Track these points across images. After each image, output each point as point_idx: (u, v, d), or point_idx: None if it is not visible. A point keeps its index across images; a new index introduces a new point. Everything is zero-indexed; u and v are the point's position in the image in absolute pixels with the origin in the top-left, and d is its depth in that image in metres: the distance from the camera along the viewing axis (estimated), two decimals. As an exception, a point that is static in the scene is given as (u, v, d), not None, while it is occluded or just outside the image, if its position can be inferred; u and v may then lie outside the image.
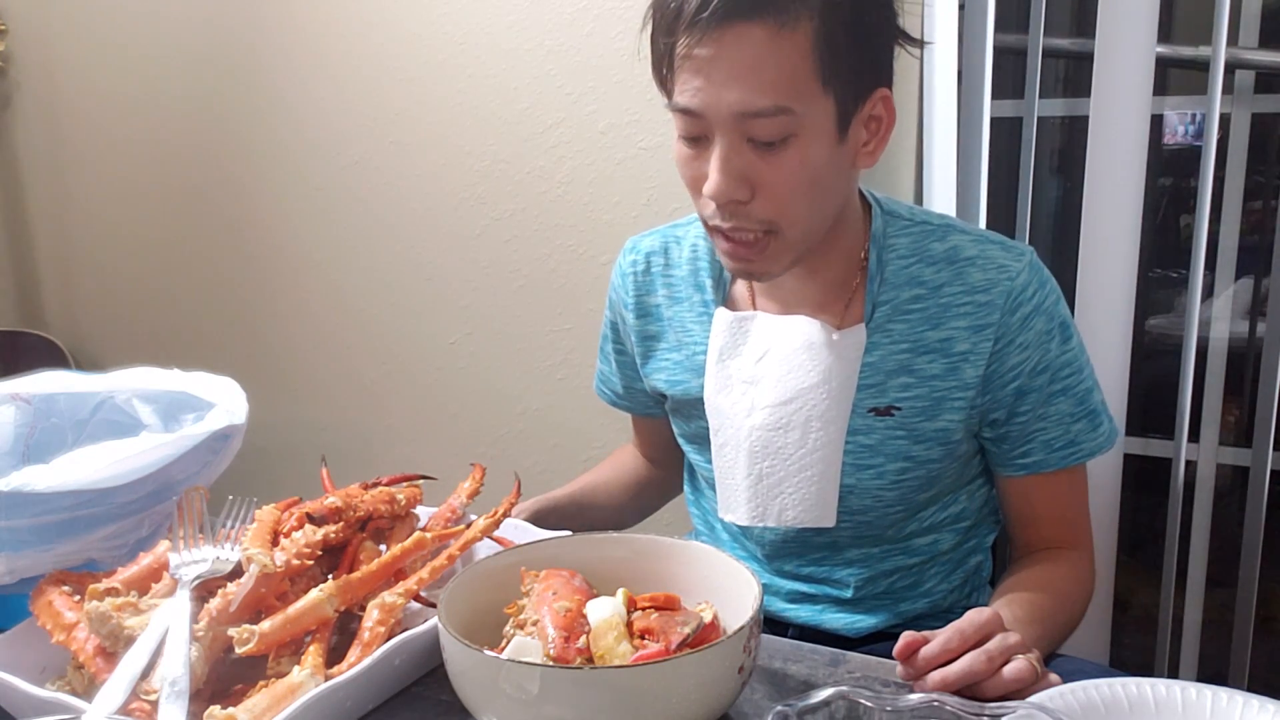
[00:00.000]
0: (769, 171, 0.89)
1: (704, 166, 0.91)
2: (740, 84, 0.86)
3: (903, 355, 0.99)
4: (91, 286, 2.32)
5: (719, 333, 1.05)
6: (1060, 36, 1.62)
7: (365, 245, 2.02)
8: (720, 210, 0.92)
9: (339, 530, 0.86)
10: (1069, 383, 1.00)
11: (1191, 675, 1.66)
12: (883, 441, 1.00)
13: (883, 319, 0.99)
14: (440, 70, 1.86)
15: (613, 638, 0.72)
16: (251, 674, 0.75)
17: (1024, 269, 0.98)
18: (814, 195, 0.92)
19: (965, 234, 1.01)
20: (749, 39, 0.85)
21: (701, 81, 0.87)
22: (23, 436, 0.98)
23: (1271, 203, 1.68)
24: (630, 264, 1.14)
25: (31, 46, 2.23)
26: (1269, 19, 1.56)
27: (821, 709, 0.62)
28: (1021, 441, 1.01)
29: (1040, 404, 0.99)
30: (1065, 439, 1.00)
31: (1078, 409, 1.00)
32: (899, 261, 1.00)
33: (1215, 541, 1.64)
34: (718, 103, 0.87)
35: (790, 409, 1.00)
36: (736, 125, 0.88)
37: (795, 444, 1.00)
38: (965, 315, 0.98)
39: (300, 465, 1.91)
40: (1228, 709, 0.71)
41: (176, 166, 2.16)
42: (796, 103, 0.86)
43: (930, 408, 0.99)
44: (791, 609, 1.10)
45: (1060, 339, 0.99)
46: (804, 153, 0.89)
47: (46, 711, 0.68)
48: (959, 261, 0.99)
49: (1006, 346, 0.97)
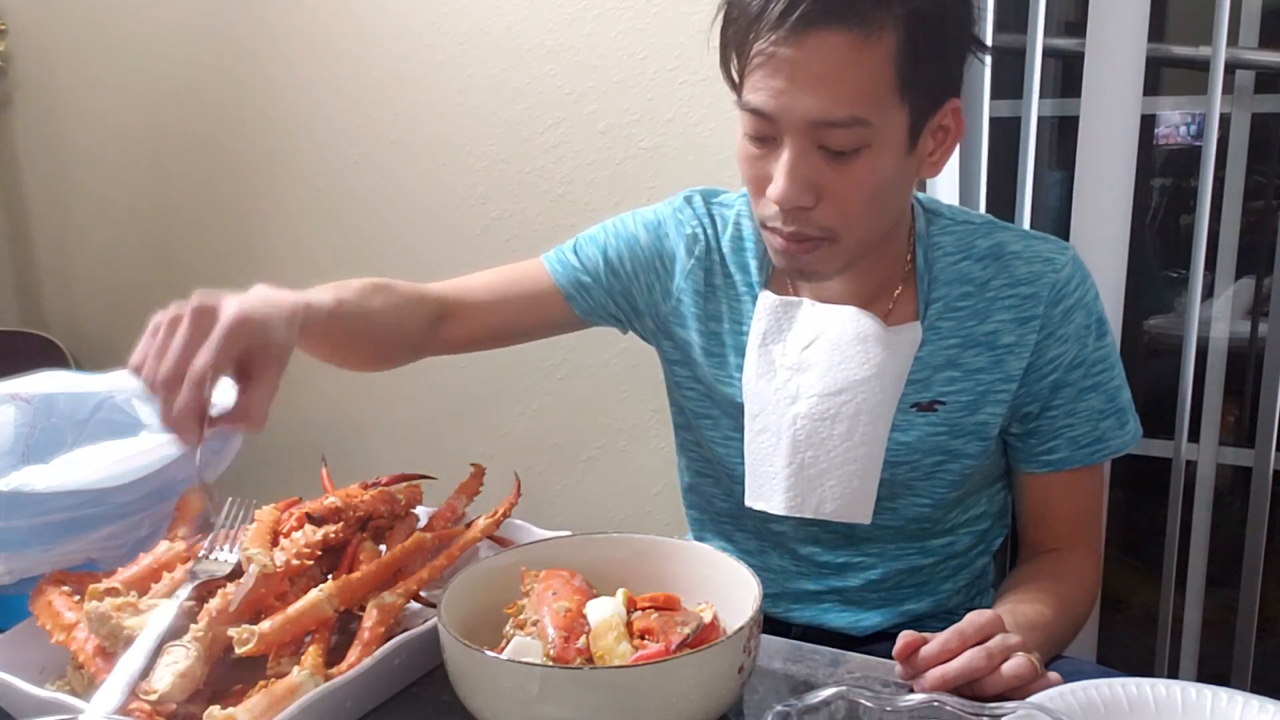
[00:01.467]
0: (837, 180, 0.88)
1: (769, 168, 0.89)
2: (818, 92, 0.84)
3: (950, 351, 0.99)
4: (91, 286, 2.32)
5: (763, 316, 1.03)
6: (1060, 36, 1.61)
7: (366, 245, 2.02)
8: (783, 214, 0.90)
9: (339, 530, 0.85)
10: (1101, 379, 1.00)
11: (1191, 675, 1.66)
12: (921, 438, 1.00)
13: (934, 316, 1.00)
14: (440, 70, 1.86)
15: (613, 638, 0.72)
16: (251, 674, 0.75)
17: (1068, 263, 0.99)
18: (878, 205, 0.91)
19: (1008, 230, 1.02)
20: (831, 46, 0.83)
21: (779, 84, 0.85)
22: (23, 436, 0.98)
23: (1272, 203, 1.68)
24: (691, 217, 1.09)
25: (31, 46, 2.23)
26: (1269, 19, 1.55)
27: (821, 709, 0.62)
28: (1050, 437, 1.01)
29: (1072, 399, 0.99)
30: (1092, 435, 1.00)
31: (1107, 406, 1.00)
32: (946, 259, 1.01)
33: (1215, 541, 1.64)
34: (793, 108, 0.85)
35: (840, 400, 0.99)
36: (809, 132, 0.86)
37: (842, 436, 0.99)
38: (1011, 308, 0.98)
39: (300, 465, 1.91)
40: (1228, 709, 0.71)
41: (177, 166, 2.16)
42: (873, 114, 0.85)
43: (974, 401, 0.99)
44: (795, 610, 1.10)
45: (1097, 334, 1.00)
46: (874, 164, 0.87)
47: (46, 711, 0.68)
48: (1004, 256, 0.99)
49: (1048, 339, 0.98)
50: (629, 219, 1.13)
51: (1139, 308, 1.74)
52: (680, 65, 1.71)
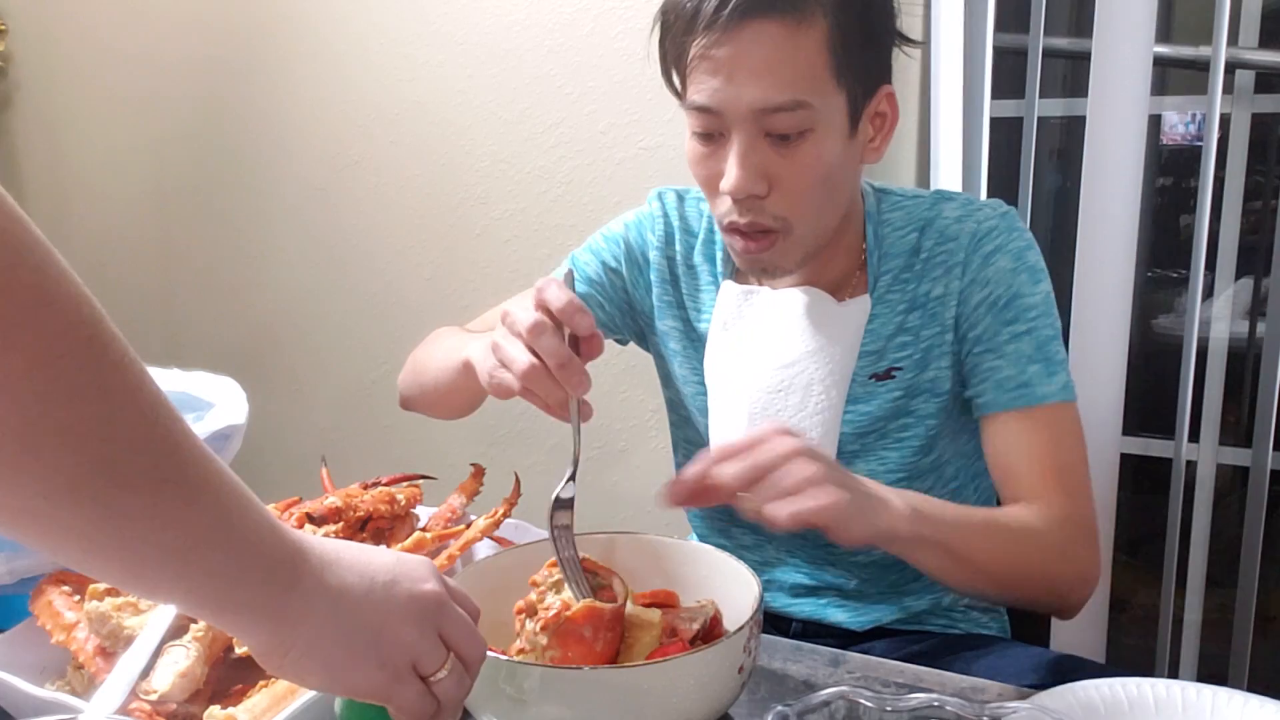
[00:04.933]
0: (786, 166, 0.91)
1: (719, 164, 0.92)
2: (759, 80, 0.88)
3: (898, 318, 1.02)
4: (91, 287, 2.30)
5: (724, 304, 1.07)
6: (1060, 36, 1.62)
7: (365, 245, 2.02)
8: (737, 206, 0.93)
9: (339, 530, 0.86)
10: (1033, 324, 0.98)
11: (1191, 675, 1.66)
12: (883, 405, 1.02)
13: (884, 289, 1.02)
14: (440, 70, 1.87)
15: (653, 633, 0.72)
16: (251, 674, 0.75)
17: (994, 216, 1.01)
18: (827, 191, 0.95)
19: (952, 200, 1.04)
20: (767, 35, 0.87)
21: (720, 80, 0.89)
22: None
23: (1271, 203, 1.68)
24: (660, 211, 1.15)
25: (31, 46, 2.23)
26: (1269, 19, 1.56)
27: (821, 709, 0.62)
28: (978, 379, 0.99)
29: (997, 338, 0.98)
30: (1018, 380, 0.97)
31: (1035, 352, 0.98)
32: (895, 234, 1.03)
33: (1215, 541, 1.64)
34: (738, 98, 0.89)
35: (792, 371, 1.02)
36: (755, 120, 0.90)
37: (795, 406, 1.02)
38: (940, 263, 1.01)
39: (300, 465, 1.91)
40: (1228, 709, 0.71)
41: (176, 166, 2.16)
42: (813, 96, 0.89)
43: (921, 359, 1.01)
44: (795, 604, 1.10)
45: (1029, 280, 0.99)
46: (819, 147, 0.91)
47: (46, 711, 0.68)
48: (941, 221, 1.02)
49: (971, 284, 0.99)
50: (612, 226, 1.18)
51: (1139, 307, 1.74)
52: (680, 65, 1.71)
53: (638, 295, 1.15)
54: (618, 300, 1.15)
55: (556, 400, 0.78)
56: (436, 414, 1.17)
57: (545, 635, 0.70)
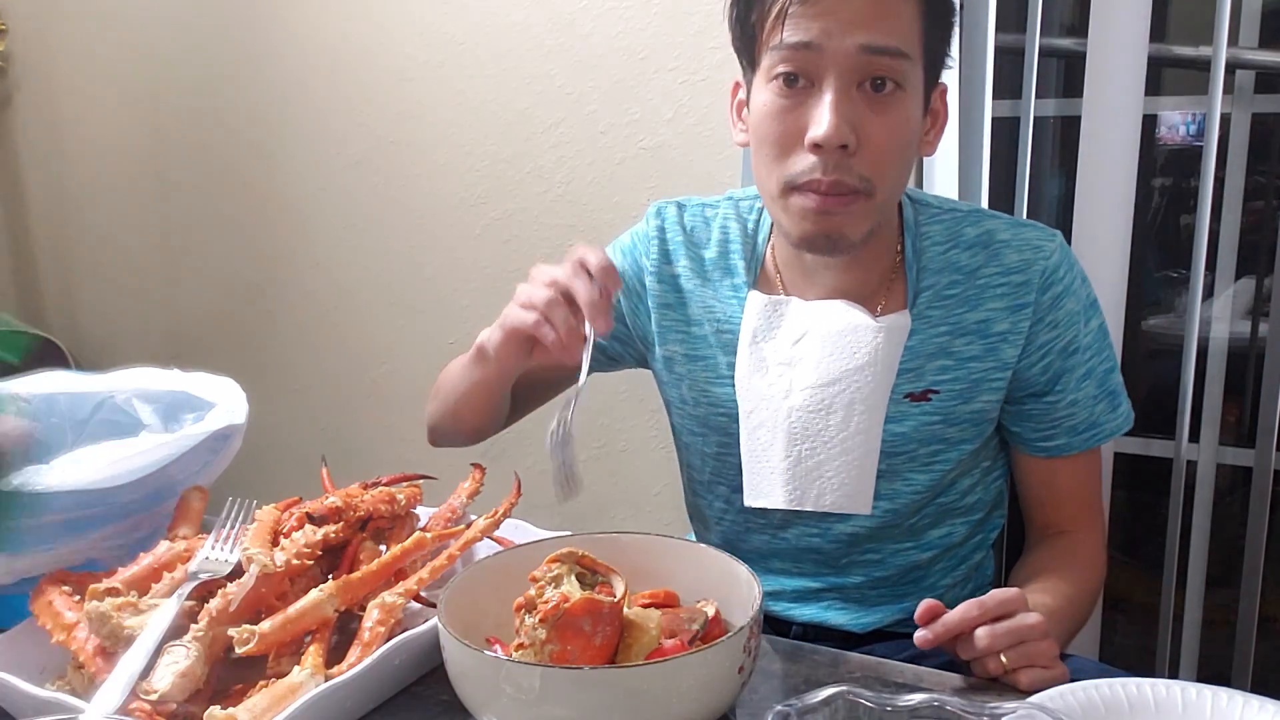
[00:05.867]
0: (876, 122, 0.90)
1: (801, 119, 0.91)
2: (866, 22, 0.88)
3: (941, 339, 1.00)
4: (91, 286, 2.32)
5: (752, 315, 1.04)
6: (1059, 36, 1.62)
7: (365, 245, 2.02)
8: (824, 160, 0.90)
9: (339, 530, 0.86)
10: (1092, 365, 1.01)
11: (1191, 675, 1.66)
12: (916, 428, 1.01)
13: (924, 305, 1.01)
14: (440, 70, 1.87)
15: (652, 634, 0.72)
16: (251, 674, 0.75)
17: (1056, 249, 1.00)
18: (905, 161, 0.95)
19: (996, 219, 1.03)
20: None
21: (825, 19, 0.88)
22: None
23: (1272, 203, 1.68)
24: (656, 229, 1.11)
25: (31, 46, 2.23)
26: (1269, 19, 1.56)
27: (821, 709, 0.62)
28: (1046, 425, 1.02)
29: (1067, 388, 1.01)
30: (1088, 422, 1.02)
31: (1099, 391, 1.02)
32: (935, 248, 1.02)
33: (1216, 541, 1.64)
34: (843, 35, 0.88)
35: (833, 390, 1.00)
36: (855, 63, 0.89)
37: (837, 426, 1.00)
38: (1002, 296, 0.99)
39: (300, 465, 1.91)
40: (1228, 709, 0.71)
41: (176, 166, 2.16)
42: (911, 51, 0.91)
43: (967, 390, 1.00)
44: (795, 608, 1.10)
45: (1086, 318, 1.01)
46: (906, 109, 0.92)
47: (46, 711, 0.68)
48: (994, 245, 1.01)
49: (1039, 324, 0.99)
50: (609, 250, 1.15)
51: (1139, 308, 1.74)
52: (680, 65, 1.71)
53: (639, 323, 1.13)
54: (617, 331, 1.14)
55: (570, 331, 0.86)
56: (462, 429, 1.14)
57: (544, 629, 0.70)
